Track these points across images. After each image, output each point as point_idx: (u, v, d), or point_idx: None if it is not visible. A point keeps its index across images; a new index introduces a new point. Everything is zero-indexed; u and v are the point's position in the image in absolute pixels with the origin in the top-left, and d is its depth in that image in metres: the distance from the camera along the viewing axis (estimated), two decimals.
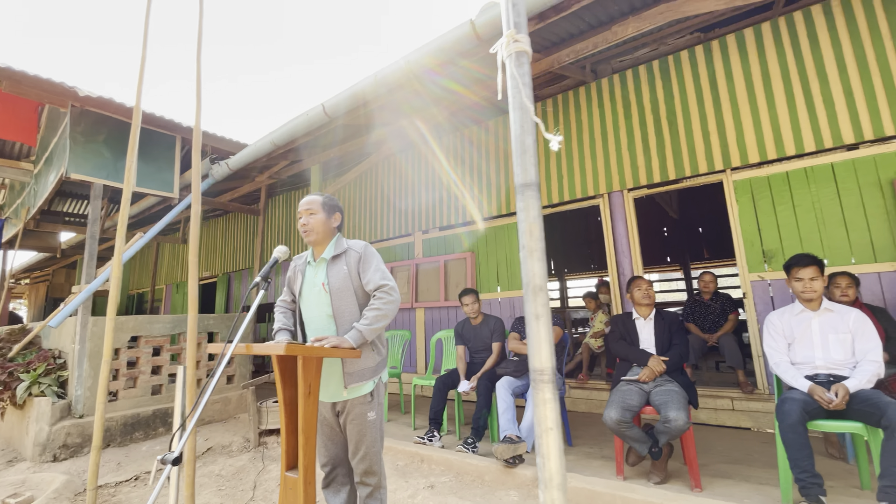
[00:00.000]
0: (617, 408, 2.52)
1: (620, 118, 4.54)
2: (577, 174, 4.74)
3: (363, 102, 3.08)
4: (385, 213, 6.43)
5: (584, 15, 2.89)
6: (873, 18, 3.44)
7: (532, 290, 0.82)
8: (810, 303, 2.43)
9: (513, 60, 0.85)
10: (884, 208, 3.30)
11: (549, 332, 0.82)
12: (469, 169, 5.60)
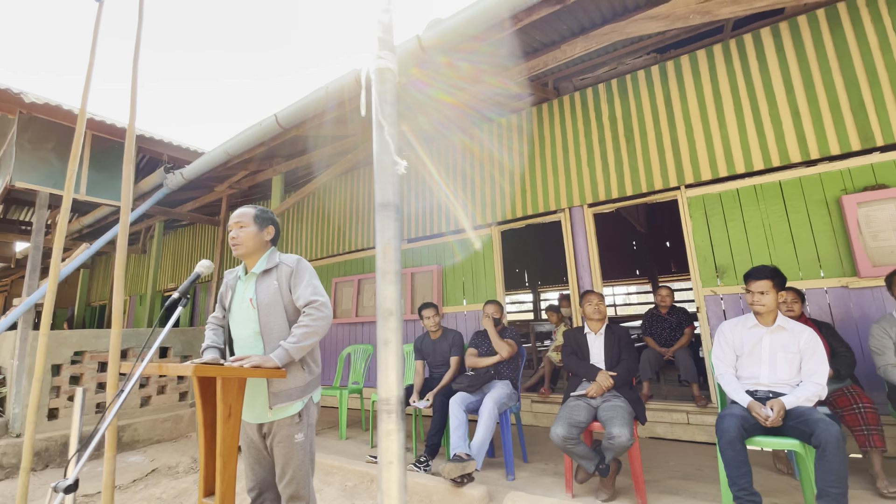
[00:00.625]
0: (563, 424, 2.49)
1: (581, 135, 4.61)
2: (540, 189, 4.77)
3: (317, 114, 3.05)
4: (354, 224, 6.36)
5: (535, 34, 2.93)
6: (819, 41, 3.58)
7: (383, 313, 0.79)
8: (761, 317, 2.45)
9: (376, 77, 0.83)
10: (829, 225, 3.40)
11: (398, 359, 0.78)
12: (437, 182, 5.59)
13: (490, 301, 3.64)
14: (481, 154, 5.27)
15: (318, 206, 6.89)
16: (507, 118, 5.16)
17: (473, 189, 5.24)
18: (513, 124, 5.11)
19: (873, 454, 2.53)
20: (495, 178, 5.10)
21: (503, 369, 3.36)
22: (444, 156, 5.60)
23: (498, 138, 5.18)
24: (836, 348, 2.88)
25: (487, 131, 5.28)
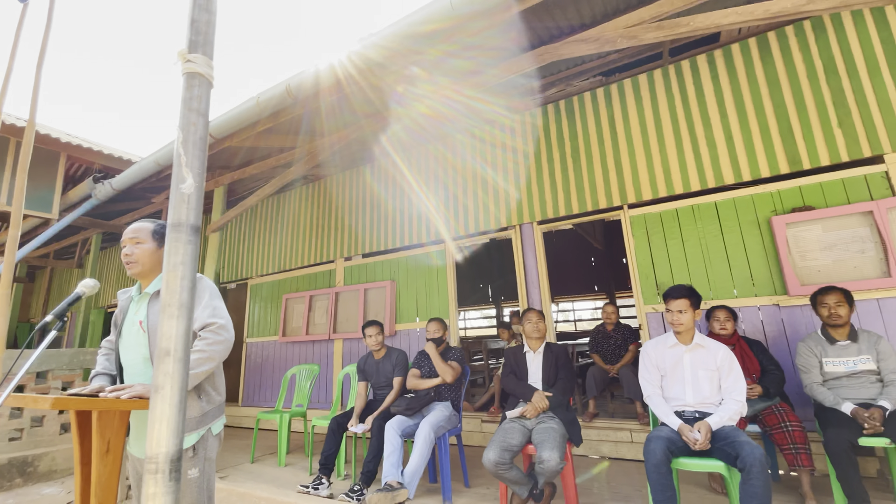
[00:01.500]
0: (496, 448, 2.41)
1: (531, 154, 4.65)
2: (492, 206, 4.77)
3: (249, 124, 2.94)
4: (306, 238, 6.18)
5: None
6: (751, 68, 3.75)
7: (160, 353, 0.68)
8: (680, 335, 2.47)
9: (184, 82, 0.75)
10: (762, 245, 3.51)
11: (173, 410, 0.68)
12: (392, 196, 5.52)
13: (432, 319, 3.56)
14: (436, 170, 5.24)
15: (269, 219, 6.67)
16: (461, 135, 5.16)
17: (428, 205, 5.18)
18: (465, 142, 5.12)
19: (801, 473, 2.56)
20: (449, 194, 5.07)
21: (444, 390, 3.26)
22: (398, 171, 5.54)
23: (452, 155, 5.16)
24: (766, 366, 2.94)
25: (442, 147, 5.27)
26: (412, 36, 2.22)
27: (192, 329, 1.66)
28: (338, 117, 3.65)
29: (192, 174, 0.73)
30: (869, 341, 2.59)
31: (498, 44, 2.98)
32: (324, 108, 3.35)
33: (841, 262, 3.20)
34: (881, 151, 3.20)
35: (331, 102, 3.36)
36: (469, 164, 5.01)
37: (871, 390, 2.52)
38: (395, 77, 2.97)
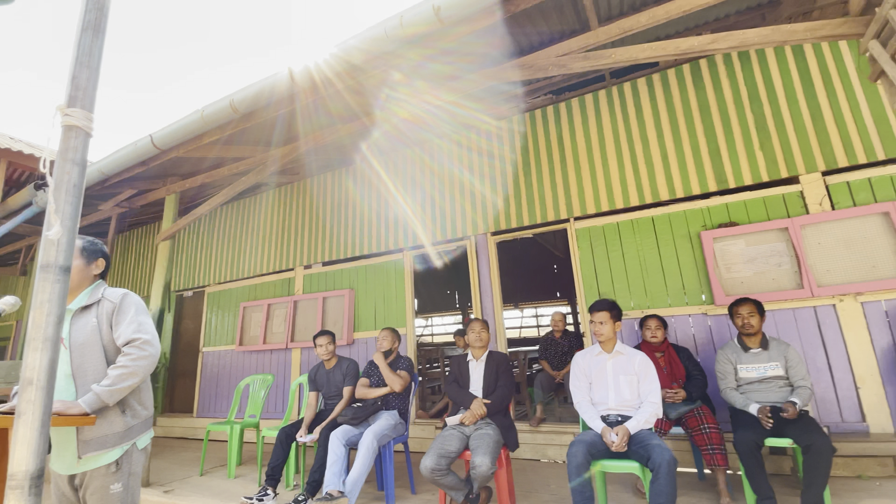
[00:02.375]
0: (433, 455, 2.50)
1: (486, 166, 4.80)
2: (448, 216, 4.89)
3: (195, 136, 2.95)
4: (266, 246, 6.14)
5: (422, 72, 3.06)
6: (685, 93, 4.01)
7: (24, 382, 0.74)
8: (603, 345, 2.64)
9: (61, 134, 0.82)
10: (692, 257, 3.75)
11: (31, 433, 0.73)
12: (352, 205, 5.56)
13: (385, 329, 3.64)
14: (395, 182, 5.32)
15: (229, 226, 6.59)
16: (418, 147, 5.27)
17: (387, 214, 5.26)
18: (423, 154, 5.23)
19: (717, 472, 2.76)
20: (407, 206, 5.16)
21: (392, 399, 3.33)
22: (360, 181, 5.59)
23: (411, 165, 5.27)
24: (690, 371, 3.15)
25: (401, 161, 5.36)
26: (347, 61, 2.31)
27: (118, 344, 1.70)
28: (291, 129, 3.69)
29: (60, 220, 0.79)
30: (778, 349, 2.83)
31: (447, 69, 3.10)
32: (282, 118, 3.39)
33: (761, 275, 3.47)
34: (797, 173, 3.49)
35: (282, 115, 3.41)
36: (427, 177, 5.12)
37: (779, 394, 2.75)
38: (345, 89, 3.05)
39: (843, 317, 3.22)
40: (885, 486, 2.79)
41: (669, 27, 3.32)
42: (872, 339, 3.15)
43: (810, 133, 3.49)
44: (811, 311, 3.31)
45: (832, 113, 3.46)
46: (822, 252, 3.30)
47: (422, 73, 3.04)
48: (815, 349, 3.27)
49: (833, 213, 3.30)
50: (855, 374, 3.15)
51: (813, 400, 3.19)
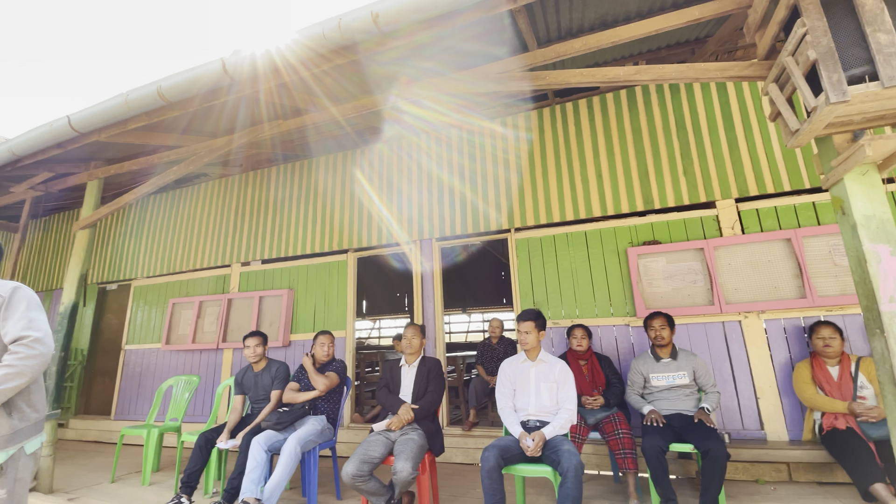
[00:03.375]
0: (355, 461, 2.49)
1: (434, 172, 4.85)
2: (395, 219, 4.88)
3: (119, 121, 2.78)
4: (202, 239, 5.85)
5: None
6: (621, 117, 4.25)
7: None
8: (528, 353, 2.75)
9: None
10: (619, 272, 3.97)
11: None
12: (296, 202, 5.42)
13: (321, 332, 3.57)
14: (342, 181, 5.25)
15: (162, 216, 6.22)
16: (368, 147, 5.24)
17: (333, 214, 5.17)
18: (373, 154, 5.20)
19: (628, 475, 2.93)
20: (354, 205, 5.10)
21: (320, 404, 3.28)
22: (304, 178, 5.47)
23: (360, 166, 5.22)
24: (610, 379, 3.33)
25: (348, 159, 5.30)
26: (285, 58, 2.28)
27: (6, 341, 1.58)
28: (230, 121, 3.56)
29: None
30: (687, 360, 3.06)
31: (392, 71, 3.11)
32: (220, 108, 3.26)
33: (678, 291, 3.73)
34: (714, 198, 3.79)
35: (220, 106, 3.28)
36: (374, 180, 5.09)
37: (685, 402, 2.97)
38: (283, 86, 2.98)
39: (748, 332, 3.52)
40: (779, 490, 3.05)
41: (606, 54, 3.52)
42: (772, 354, 3.47)
43: (727, 162, 3.81)
44: (720, 326, 3.60)
45: (747, 145, 3.80)
46: (731, 272, 3.60)
47: (364, 77, 3.03)
48: (722, 361, 3.56)
49: (743, 236, 3.61)
50: (756, 385, 3.45)
51: (719, 408, 3.47)
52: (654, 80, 2.34)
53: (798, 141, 1.96)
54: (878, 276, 1.81)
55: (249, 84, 2.56)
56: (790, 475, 3.18)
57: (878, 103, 1.74)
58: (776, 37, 2.08)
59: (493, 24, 2.52)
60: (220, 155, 4.42)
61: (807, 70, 1.80)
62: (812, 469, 3.13)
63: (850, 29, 1.73)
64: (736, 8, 2.27)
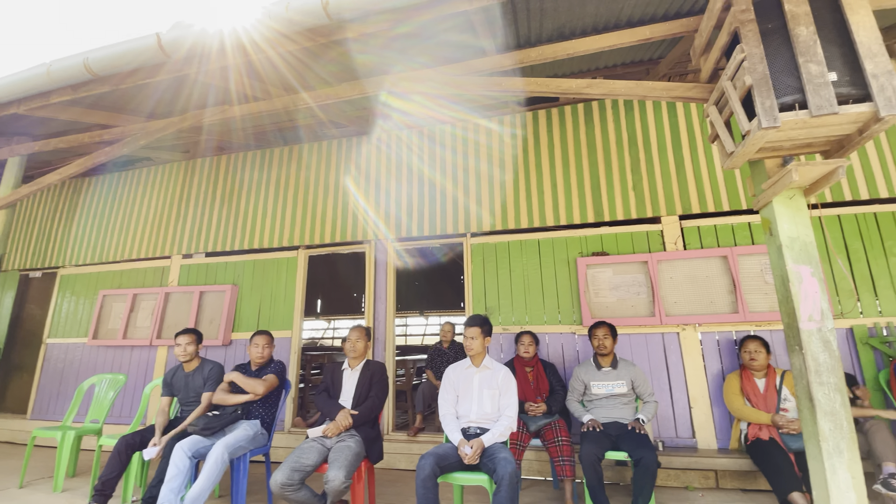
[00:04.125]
0: (285, 469, 2.36)
1: (393, 171, 4.76)
2: (350, 217, 4.75)
3: (40, 94, 2.53)
4: (140, 227, 5.47)
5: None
6: (577, 130, 4.33)
7: None
8: (473, 359, 2.73)
9: None
10: (569, 281, 4.04)
11: None
12: (245, 194, 5.18)
13: (257, 332, 3.40)
14: (297, 174, 5.07)
15: (97, 200, 5.78)
16: (325, 143, 5.09)
17: (285, 208, 4.97)
18: (330, 150, 5.05)
19: (566, 482, 2.97)
20: (308, 200, 4.93)
21: (254, 408, 3.11)
22: (256, 169, 5.24)
23: (316, 161, 5.05)
24: (554, 386, 3.36)
25: (305, 152, 5.12)
26: (222, 38, 2.14)
27: None
28: (172, 102, 3.33)
29: None
30: (626, 369, 3.13)
31: (352, 62, 3.01)
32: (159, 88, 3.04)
33: (623, 301, 3.83)
34: (659, 214, 3.93)
35: (161, 85, 3.06)
36: (331, 176, 4.95)
37: (622, 411, 3.04)
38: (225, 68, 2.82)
39: (685, 344, 3.67)
40: (707, 496, 3.18)
41: (565, 66, 3.57)
42: (706, 366, 3.62)
43: (673, 180, 3.97)
44: (660, 337, 3.73)
45: (692, 165, 3.97)
46: (672, 285, 3.74)
47: (316, 68, 2.92)
48: (661, 371, 3.68)
49: (684, 252, 3.76)
50: (690, 395, 3.59)
51: (655, 417, 3.59)
52: (605, 95, 2.39)
53: (733, 163, 2.04)
54: (800, 296, 1.91)
55: (188, 64, 2.40)
56: (717, 482, 3.33)
57: (806, 131, 1.83)
58: (718, 62, 2.16)
59: (456, 22, 2.48)
60: (163, 139, 4.17)
61: (743, 95, 1.88)
62: (737, 477, 3.28)
63: (785, 58, 1.82)
64: (684, 31, 2.35)
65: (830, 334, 1.86)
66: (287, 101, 3.01)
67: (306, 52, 2.68)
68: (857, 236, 3.59)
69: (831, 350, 1.85)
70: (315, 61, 2.89)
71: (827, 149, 1.99)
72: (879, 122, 1.68)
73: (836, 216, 3.64)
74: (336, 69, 3.02)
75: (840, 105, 1.71)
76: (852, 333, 3.42)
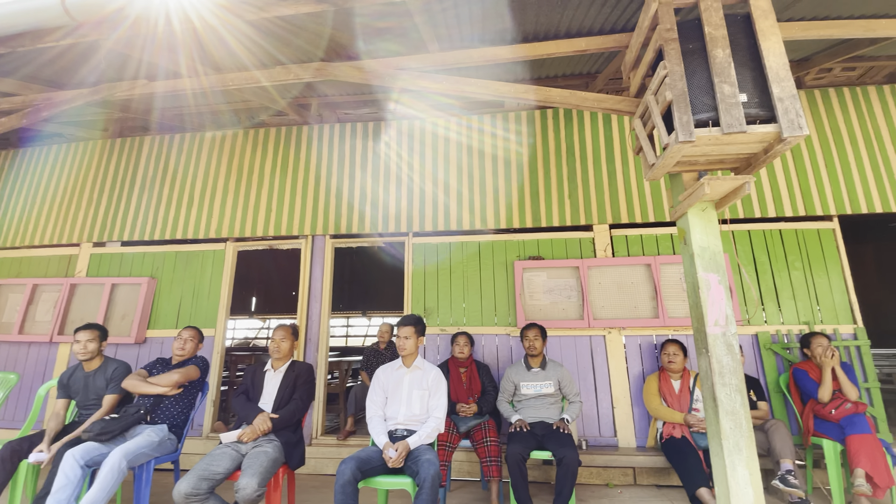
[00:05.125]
0: (192, 478, 2.18)
1: (334, 165, 4.61)
2: (286, 211, 4.54)
3: None
4: (44, 210, 4.91)
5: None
6: (520, 136, 4.40)
7: None
8: (405, 359, 2.68)
9: None
10: (506, 283, 4.09)
11: None
12: (170, 179, 4.79)
13: (188, 327, 3.15)
14: (229, 161, 4.76)
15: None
16: (260, 130, 4.83)
17: (214, 197, 4.65)
18: (269, 137, 4.80)
19: (492, 483, 2.98)
20: (240, 190, 4.64)
21: (164, 410, 2.85)
22: (183, 153, 4.87)
23: (252, 149, 4.78)
24: (486, 387, 3.38)
25: (238, 140, 4.83)
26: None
27: None
28: (84, 71, 2.99)
29: None
30: (554, 370, 3.21)
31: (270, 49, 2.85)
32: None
33: (555, 304, 3.94)
34: (591, 222, 4.09)
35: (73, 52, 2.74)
36: (266, 165, 4.70)
37: (549, 411, 3.12)
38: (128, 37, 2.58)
39: (610, 347, 3.83)
40: (625, 493, 3.32)
41: (508, 73, 3.62)
42: (628, 367, 3.80)
43: (605, 190, 4.15)
44: (588, 340, 3.87)
45: (623, 177, 4.17)
46: (601, 290, 3.90)
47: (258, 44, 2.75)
48: (587, 372, 3.82)
49: (612, 259, 3.94)
50: (613, 395, 3.75)
51: (580, 415, 3.71)
52: (541, 101, 2.43)
53: (653, 174, 2.14)
54: (707, 302, 2.03)
55: (99, 30, 2.16)
56: (635, 479, 3.50)
57: (718, 147, 1.96)
58: (645, 77, 2.27)
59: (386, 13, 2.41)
60: (75, 113, 3.78)
61: (664, 110, 1.98)
62: (654, 473, 3.47)
63: (703, 78, 1.94)
64: (617, 46, 2.45)
65: (733, 338, 2.00)
66: (214, 81, 2.80)
67: (230, 27, 2.51)
68: (763, 250, 3.93)
69: (734, 353, 1.98)
70: (238, 41, 2.71)
71: (737, 166, 2.15)
72: (782, 142, 1.83)
73: (746, 231, 3.96)
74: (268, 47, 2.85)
75: (748, 125, 1.84)
76: (757, 339, 3.74)
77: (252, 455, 2.35)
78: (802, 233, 3.94)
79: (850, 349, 3.66)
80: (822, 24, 2.41)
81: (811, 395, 3.19)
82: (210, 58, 2.84)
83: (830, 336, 3.67)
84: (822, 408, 3.15)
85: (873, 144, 4.05)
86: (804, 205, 3.94)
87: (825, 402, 3.12)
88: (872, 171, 3.98)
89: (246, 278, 11.29)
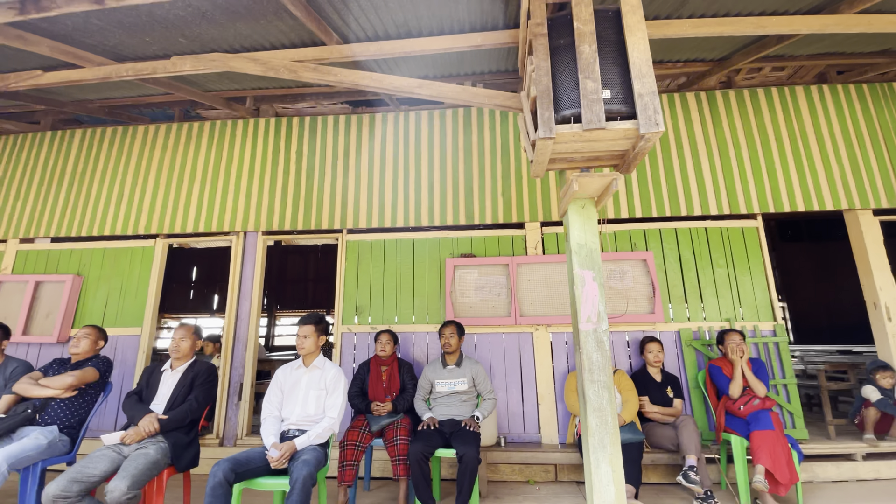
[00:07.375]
0: (62, 480, 2.10)
1: (269, 160, 4.52)
2: (217, 206, 4.44)
3: None
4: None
5: (147, 39, 2.66)
6: (457, 134, 4.38)
7: None
8: (304, 358, 2.64)
9: None
10: (438, 281, 4.07)
11: None
12: (100, 174, 4.66)
13: (85, 325, 3.06)
14: (161, 156, 4.64)
15: None
16: (199, 123, 4.72)
17: (143, 192, 4.53)
18: (203, 131, 4.69)
19: (401, 482, 2.95)
20: (171, 185, 4.53)
21: (58, 410, 2.75)
22: (112, 147, 4.73)
23: (185, 143, 4.66)
24: (406, 385, 3.35)
25: (178, 133, 4.71)
26: None
27: None
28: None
29: None
30: (469, 367, 3.20)
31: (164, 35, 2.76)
32: None
33: (485, 302, 3.94)
34: (523, 220, 4.09)
35: None
36: (199, 161, 4.59)
37: (460, 408, 3.10)
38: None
39: (537, 344, 3.84)
40: (544, 489, 3.32)
41: (428, 70, 3.60)
42: (554, 365, 3.81)
43: (537, 189, 4.15)
44: (516, 337, 3.88)
45: (554, 174, 4.11)
46: (529, 288, 3.90)
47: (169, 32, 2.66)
48: (515, 370, 3.82)
49: (541, 256, 3.94)
50: (539, 392, 3.76)
51: (506, 412, 3.72)
52: (432, 96, 2.41)
53: (534, 171, 2.13)
54: (581, 298, 2.03)
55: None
56: (556, 475, 3.51)
57: (588, 144, 1.95)
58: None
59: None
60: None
61: (533, 106, 1.97)
62: (573, 470, 3.48)
63: (571, 73, 1.93)
64: (511, 42, 2.43)
65: (605, 335, 2.00)
66: (109, 72, 2.71)
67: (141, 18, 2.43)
68: (689, 247, 3.98)
69: (603, 350, 1.99)
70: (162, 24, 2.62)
71: (616, 163, 2.15)
72: (642, 139, 1.83)
73: (672, 228, 4.01)
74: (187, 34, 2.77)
75: (609, 121, 1.83)
76: (679, 336, 3.78)
77: (133, 457, 2.28)
78: (727, 231, 4.00)
79: (769, 345, 3.73)
80: (714, 22, 2.43)
81: (724, 391, 3.24)
82: (102, 46, 2.75)
83: (750, 333, 3.73)
84: (732, 404, 3.20)
85: (798, 144, 4.13)
86: (729, 203, 4.00)
87: (735, 397, 3.18)
88: (797, 170, 4.06)
89: (183, 277, 11.07)
